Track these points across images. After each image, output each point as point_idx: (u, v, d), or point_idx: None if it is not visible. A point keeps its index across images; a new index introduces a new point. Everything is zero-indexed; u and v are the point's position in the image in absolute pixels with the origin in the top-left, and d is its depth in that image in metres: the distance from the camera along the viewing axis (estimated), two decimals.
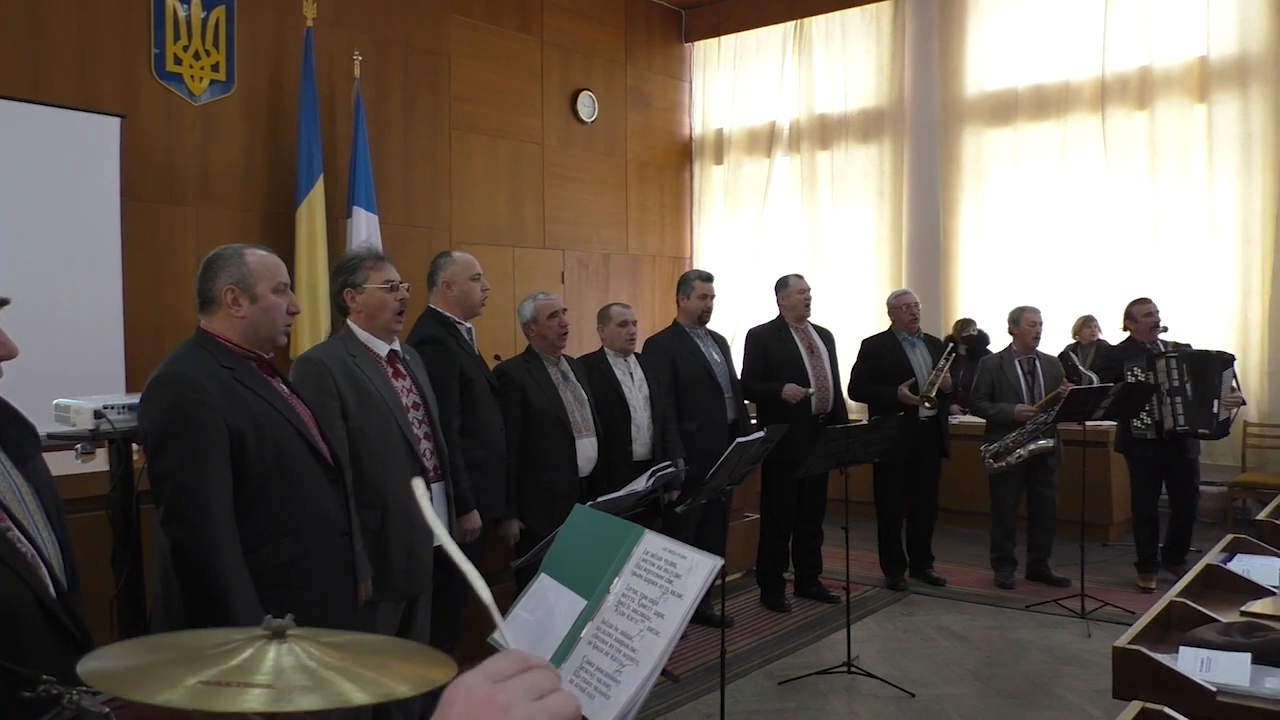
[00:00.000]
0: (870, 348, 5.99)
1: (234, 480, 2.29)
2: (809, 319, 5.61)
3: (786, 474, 5.17)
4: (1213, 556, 2.97)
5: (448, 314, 3.87)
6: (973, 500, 6.85)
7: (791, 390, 5.29)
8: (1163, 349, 5.78)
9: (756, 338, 5.58)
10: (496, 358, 4.44)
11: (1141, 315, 5.87)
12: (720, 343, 5.35)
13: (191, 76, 6.12)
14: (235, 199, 6.36)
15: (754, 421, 5.57)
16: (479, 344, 4.12)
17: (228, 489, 2.28)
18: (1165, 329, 5.88)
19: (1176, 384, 5.62)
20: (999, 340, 6.13)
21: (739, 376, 5.43)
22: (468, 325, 3.92)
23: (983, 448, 5.90)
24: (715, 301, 5.32)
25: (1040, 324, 5.95)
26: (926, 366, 5.83)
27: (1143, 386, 5.53)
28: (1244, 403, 5.89)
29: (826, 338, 5.67)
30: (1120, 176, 7.77)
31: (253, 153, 6.45)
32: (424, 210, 7.53)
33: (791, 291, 5.55)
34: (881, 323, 8.57)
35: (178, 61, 6.06)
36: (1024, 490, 5.94)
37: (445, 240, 7.41)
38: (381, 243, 6.43)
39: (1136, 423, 5.70)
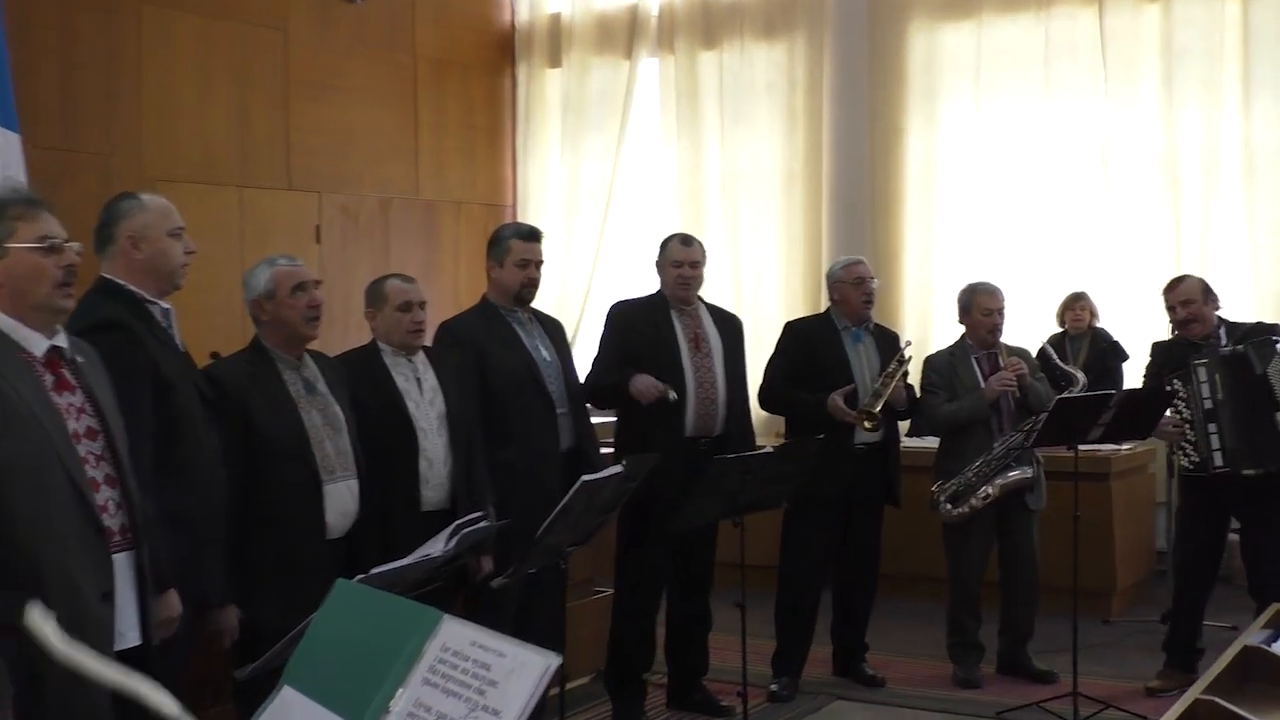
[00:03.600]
0: (796, 336, 6.05)
1: None
2: (700, 299, 5.64)
3: (658, 525, 5.19)
4: (1250, 635, 3.14)
5: (131, 287, 3.74)
6: (922, 560, 6.96)
7: (645, 385, 5.28)
8: (1221, 343, 5.62)
9: (620, 317, 5.60)
10: (214, 355, 4.34)
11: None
12: (554, 333, 5.35)
13: None
14: None
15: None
16: (183, 334, 3.99)
17: None
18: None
19: (1209, 402, 5.48)
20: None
21: (585, 375, 5.46)
22: (164, 305, 3.82)
23: (935, 487, 5.99)
24: (549, 270, 5.31)
25: (998, 310, 5.99)
26: (873, 370, 5.88)
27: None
28: None
29: (728, 328, 5.70)
30: (1123, 91, 8.12)
31: None
32: (96, 129, 7.32)
33: (665, 261, 5.57)
34: (792, 304, 8.80)
35: None
36: (995, 544, 6.09)
37: (132, 176, 7.18)
38: (28, 178, 6.18)
39: (1182, 457, 5.61)
